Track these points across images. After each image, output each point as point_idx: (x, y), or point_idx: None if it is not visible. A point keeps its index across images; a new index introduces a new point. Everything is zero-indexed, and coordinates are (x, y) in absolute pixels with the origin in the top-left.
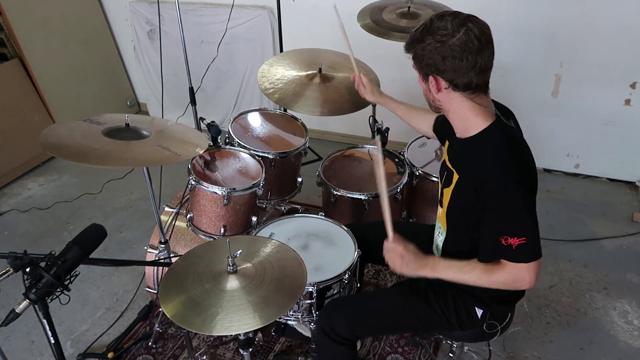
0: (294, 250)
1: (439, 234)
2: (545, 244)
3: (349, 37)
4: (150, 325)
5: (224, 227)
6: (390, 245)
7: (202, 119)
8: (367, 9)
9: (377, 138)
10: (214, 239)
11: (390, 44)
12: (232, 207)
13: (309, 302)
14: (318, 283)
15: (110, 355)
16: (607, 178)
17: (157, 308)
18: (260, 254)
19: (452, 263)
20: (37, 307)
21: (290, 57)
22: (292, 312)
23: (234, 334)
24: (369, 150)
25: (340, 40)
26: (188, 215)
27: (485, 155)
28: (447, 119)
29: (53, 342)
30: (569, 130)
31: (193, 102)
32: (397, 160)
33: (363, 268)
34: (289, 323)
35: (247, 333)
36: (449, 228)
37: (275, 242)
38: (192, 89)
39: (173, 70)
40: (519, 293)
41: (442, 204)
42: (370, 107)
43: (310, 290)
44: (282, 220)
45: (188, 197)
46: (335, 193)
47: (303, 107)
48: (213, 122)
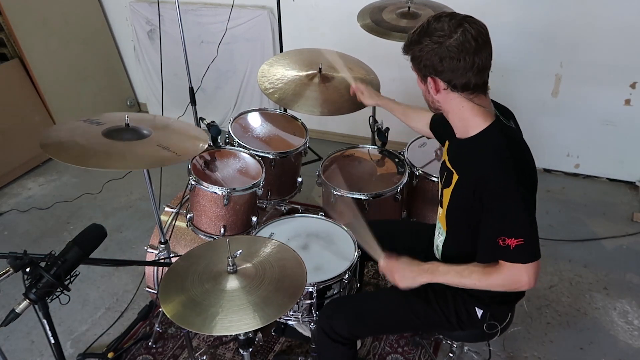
0: (294, 250)
1: (439, 235)
2: (545, 244)
3: (349, 36)
4: (150, 325)
5: (224, 227)
6: (383, 265)
7: (202, 119)
8: (367, 9)
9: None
10: (214, 239)
11: (390, 44)
12: (232, 207)
13: (309, 302)
14: (318, 283)
15: (110, 355)
16: (607, 178)
17: (157, 308)
18: (260, 254)
19: (450, 267)
20: (37, 307)
21: (290, 57)
22: (292, 312)
23: (234, 334)
24: (369, 150)
25: (340, 41)
26: (188, 215)
27: (485, 156)
28: (445, 119)
29: (53, 342)
30: (569, 130)
31: (193, 102)
32: (397, 160)
33: (363, 268)
34: (289, 323)
35: (247, 333)
36: (449, 228)
37: (275, 242)
38: (192, 89)
39: (173, 70)
40: (519, 293)
41: (442, 205)
42: (370, 107)
43: (310, 290)
44: (282, 220)
45: (188, 197)
46: (335, 193)
47: (303, 107)
48: (213, 122)
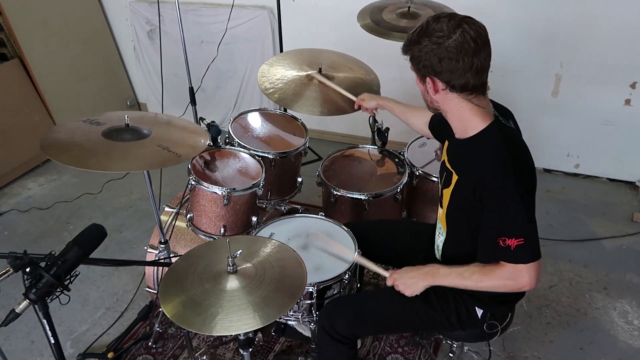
0: (294, 251)
1: (439, 235)
2: (545, 244)
3: (349, 36)
4: (150, 325)
5: (224, 227)
6: (389, 282)
7: (202, 119)
8: (367, 9)
9: None
10: (214, 239)
11: (390, 44)
12: (232, 207)
13: (309, 302)
14: (318, 283)
15: (110, 355)
16: (607, 178)
17: (157, 308)
18: (260, 254)
19: (451, 269)
20: (37, 307)
21: (290, 57)
22: (292, 312)
23: (234, 334)
24: (369, 150)
25: (340, 41)
26: (188, 215)
27: (484, 156)
28: (444, 119)
29: (53, 342)
30: (569, 130)
31: (193, 102)
32: (397, 160)
33: (363, 268)
34: (289, 323)
35: (247, 333)
36: (449, 229)
37: (275, 242)
38: (192, 89)
39: (173, 70)
40: (519, 293)
41: (442, 205)
42: None
43: (311, 291)
44: (282, 220)
45: (188, 197)
46: (335, 193)
47: (303, 107)
48: (213, 122)
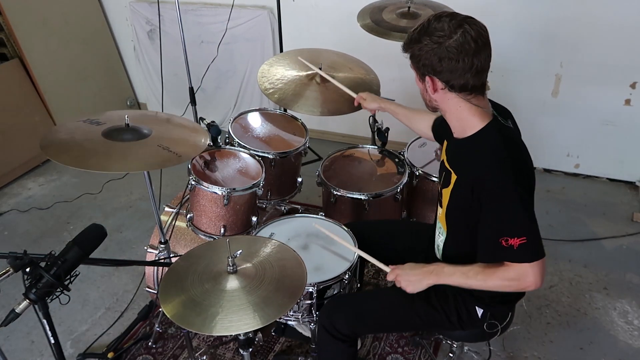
0: (294, 251)
1: (440, 234)
2: (545, 244)
3: (349, 36)
4: (150, 325)
5: (224, 227)
6: (390, 276)
7: (202, 119)
8: (367, 9)
9: None
10: (214, 239)
11: (390, 44)
12: (232, 207)
13: (309, 302)
14: (318, 283)
15: (110, 355)
16: (607, 178)
17: (157, 308)
18: (260, 254)
19: (455, 268)
20: (37, 307)
21: (290, 57)
22: (292, 312)
23: (234, 334)
24: (369, 150)
25: (340, 41)
26: (188, 215)
27: (483, 155)
28: (445, 120)
29: (53, 342)
30: (569, 130)
31: (193, 102)
32: (397, 160)
33: (363, 268)
34: (289, 323)
35: (247, 333)
36: (449, 228)
37: (275, 242)
38: (192, 89)
39: (173, 70)
40: (519, 293)
41: (441, 205)
42: None
43: (311, 291)
44: (282, 220)
45: (188, 197)
46: (335, 193)
47: (303, 107)
48: (213, 122)
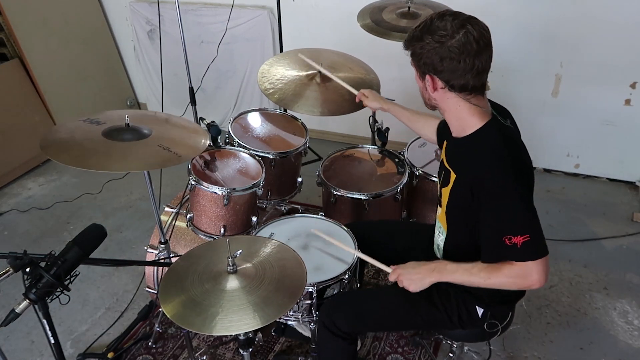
0: (294, 251)
1: (440, 234)
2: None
3: (349, 36)
4: (150, 325)
5: (224, 227)
6: (392, 277)
7: (202, 119)
8: (367, 9)
9: None
10: (214, 239)
11: (390, 44)
12: (232, 207)
13: (309, 302)
14: (318, 283)
15: (110, 355)
16: (607, 178)
17: (157, 308)
18: (260, 254)
19: (458, 266)
20: (37, 307)
21: (290, 57)
22: (292, 312)
23: (234, 334)
24: (369, 150)
25: (340, 41)
26: (188, 215)
27: (482, 154)
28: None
29: (53, 342)
30: (569, 130)
31: (193, 102)
32: (397, 160)
33: (363, 268)
34: (289, 323)
35: (247, 333)
36: (449, 227)
37: (275, 242)
38: (192, 89)
39: (173, 70)
40: (519, 293)
41: (441, 204)
42: None
43: (310, 291)
44: (282, 220)
45: (188, 197)
46: (335, 193)
47: (303, 107)
48: (213, 122)
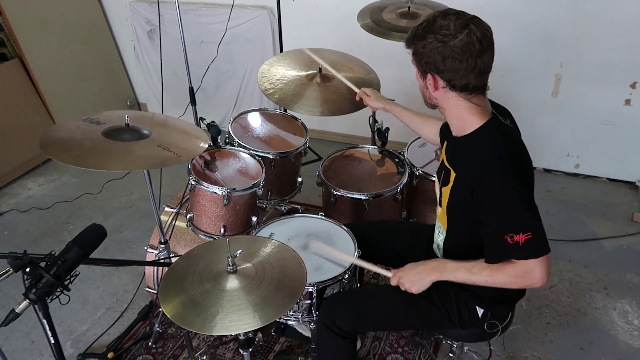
0: (294, 250)
1: (439, 234)
2: None
3: (349, 36)
4: (150, 325)
5: (224, 227)
6: (393, 281)
7: (202, 119)
8: (367, 9)
9: None
10: (214, 239)
11: (390, 44)
12: (232, 207)
13: (309, 302)
14: (318, 283)
15: (110, 355)
16: (607, 178)
17: (157, 308)
18: (260, 254)
19: (459, 264)
20: (37, 307)
21: (290, 57)
22: (292, 312)
23: (234, 334)
24: (369, 150)
25: (340, 40)
26: (188, 215)
27: (482, 153)
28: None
29: (53, 342)
30: (569, 130)
31: (193, 102)
32: (397, 160)
33: (363, 268)
34: (289, 323)
35: (247, 333)
36: (449, 227)
37: (275, 242)
38: (192, 89)
39: (173, 70)
40: (520, 293)
41: (441, 204)
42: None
43: (310, 291)
44: (282, 220)
45: (188, 197)
46: (335, 193)
47: (303, 107)
48: (213, 122)
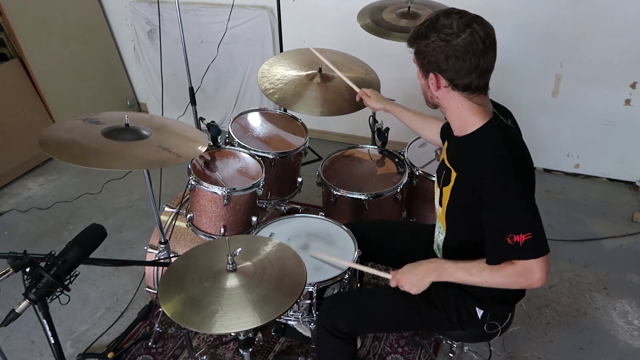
0: (294, 250)
1: (439, 234)
2: None
3: (349, 36)
4: (150, 325)
5: (224, 227)
6: (393, 283)
7: (202, 119)
8: (367, 9)
9: None
10: (214, 239)
11: (390, 44)
12: (232, 207)
13: (309, 302)
14: (318, 283)
15: (110, 355)
16: (607, 178)
17: (157, 308)
18: (260, 253)
19: (458, 265)
20: (37, 307)
21: (290, 57)
22: (292, 312)
23: (234, 334)
24: (369, 150)
25: (340, 40)
26: (188, 215)
27: (483, 153)
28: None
29: (53, 342)
30: (569, 130)
31: (193, 102)
32: (397, 160)
33: None
34: (289, 323)
35: (247, 333)
36: (449, 227)
37: (275, 241)
38: (192, 89)
39: (173, 70)
40: (519, 293)
41: (441, 204)
42: None
43: (310, 290)
44: (282, 220)
45: (188, 197)
46: (335, 193)
47: (303, 107)
48: (213, 122)
